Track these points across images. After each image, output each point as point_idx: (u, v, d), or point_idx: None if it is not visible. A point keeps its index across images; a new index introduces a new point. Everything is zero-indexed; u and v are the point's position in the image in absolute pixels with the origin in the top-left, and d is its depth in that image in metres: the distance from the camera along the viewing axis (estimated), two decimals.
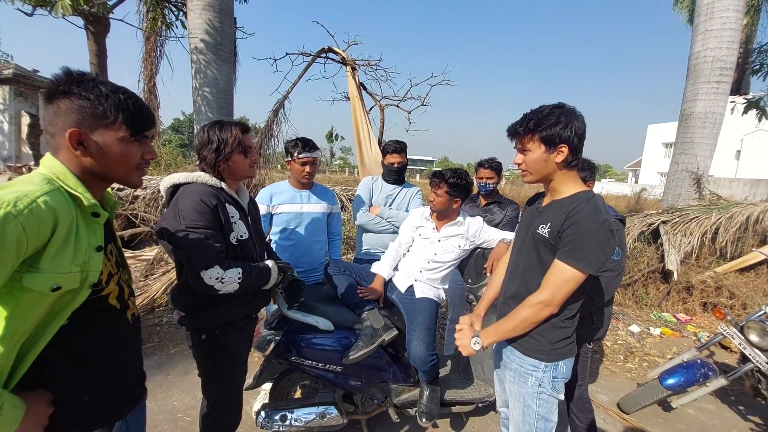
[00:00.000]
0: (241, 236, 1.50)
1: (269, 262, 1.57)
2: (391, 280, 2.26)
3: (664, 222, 5.05)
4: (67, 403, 0.89)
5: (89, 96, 0.86)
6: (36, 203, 0.75)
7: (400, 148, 2.66)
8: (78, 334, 0.89)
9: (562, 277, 1.22)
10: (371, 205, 2.71)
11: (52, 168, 0.86)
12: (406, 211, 2.66)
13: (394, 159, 2.66)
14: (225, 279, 1.36)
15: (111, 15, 7.82)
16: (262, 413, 1.94)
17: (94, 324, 0.93)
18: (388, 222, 2.62)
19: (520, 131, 1.28)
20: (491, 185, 2.72)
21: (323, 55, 5.42)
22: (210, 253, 1.34)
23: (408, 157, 2.73)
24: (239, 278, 1.40)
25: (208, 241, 1.35)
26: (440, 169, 2.18)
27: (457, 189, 2.07)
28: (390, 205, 2.71)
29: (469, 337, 1.38)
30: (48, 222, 0.77)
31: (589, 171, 1.97)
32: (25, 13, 6.52)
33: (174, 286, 1.53)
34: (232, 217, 1.47)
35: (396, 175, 2.72)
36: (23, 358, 0.82)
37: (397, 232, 2.59)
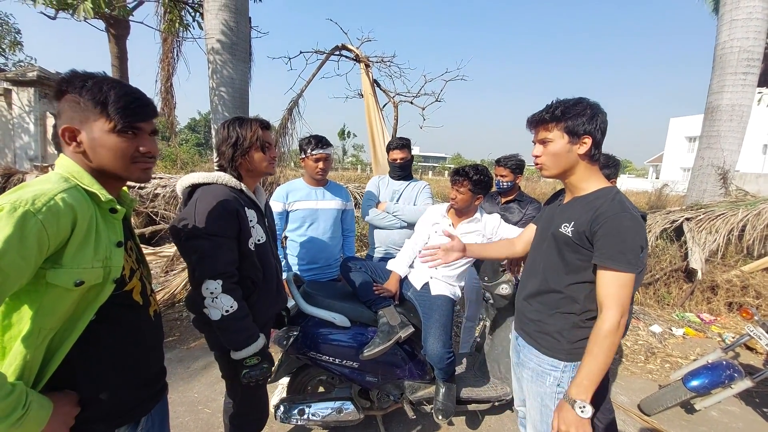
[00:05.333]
0: (259, 240, 1.47)
1: (261, 338, 1.42)
2: (406, 277, 2.26)
3: (688, 219, 4.88)
4: (94, 400, 0.90)
5: (74, 91, 0.87)
6: (54, 201, 0.76)
7: (402, 144, 2.66)
8: (104, 331, 0.90)
9: (617, 284, 1.15)
10: (379, 202, 2.73)
11: (67, 167, 0.88)
12: (414, 205, 2.66)
13: (397, 155, 2.66)
14: (216, 300, 1.29)
15: (131, 17, 8.03)
16: (281, 407, 1.98)
17: (119, 320, 0.94)
18: (395, 216, 2.62)
19: (546, 117, 1.24)
20: (506, 184, 2.69)
21: (337, 52, 5.44)
22: (220, 263, 1.30)
23: (421, 153, 2.74)
24: (227, 311, 1.30)
25: (221, 249, 1.30)
26: (460, 166, 2.15)
27: (480, 186, 2.06)
28: (397, 201, 2.71)
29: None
30: (67, 218, 0.78)
31: (613, 168, 1.93)
32: (48, 17, 6.77)
33: (189, 292, 1.46)
34: (251, 221, 1.43)
35: (401, 171, 2.72)
36: (52, 356, 0.83)
37: (404, 227, 2.59)
